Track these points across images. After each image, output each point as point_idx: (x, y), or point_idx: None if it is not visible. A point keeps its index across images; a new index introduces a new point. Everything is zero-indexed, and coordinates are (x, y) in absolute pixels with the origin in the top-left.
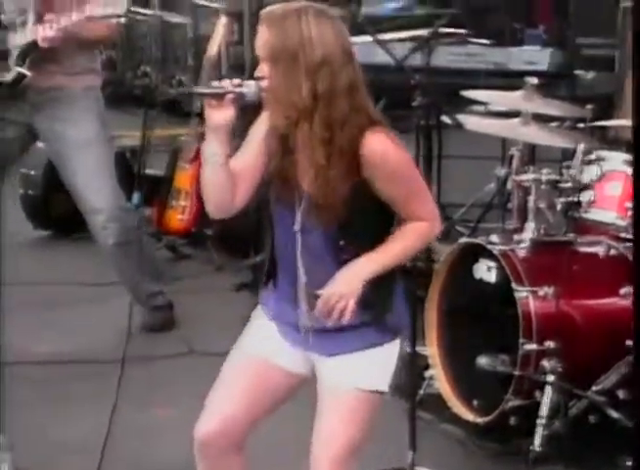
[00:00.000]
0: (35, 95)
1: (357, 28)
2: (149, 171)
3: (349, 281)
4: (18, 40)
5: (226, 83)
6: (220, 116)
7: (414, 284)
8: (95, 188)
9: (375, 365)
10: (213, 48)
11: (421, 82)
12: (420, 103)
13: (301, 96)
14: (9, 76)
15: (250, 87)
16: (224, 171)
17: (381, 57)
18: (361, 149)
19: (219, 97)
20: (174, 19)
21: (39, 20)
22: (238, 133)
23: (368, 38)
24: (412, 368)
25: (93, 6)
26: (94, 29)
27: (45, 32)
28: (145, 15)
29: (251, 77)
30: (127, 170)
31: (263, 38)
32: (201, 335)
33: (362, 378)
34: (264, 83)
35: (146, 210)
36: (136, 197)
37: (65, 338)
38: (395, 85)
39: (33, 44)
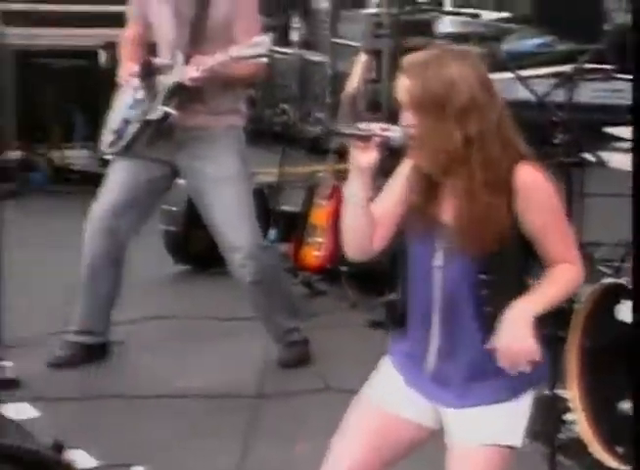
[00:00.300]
0: (179, 133)
1: (498, 65)
2: (285, 208)
3: (520, 327)
4: (165, 81)
5: (373, 126)
6: (365, 158)
7: (554, 324)
8: (233, 226)
9: (508, 419)
10: (352, 85)
11: (563, 119)
12: (561, 140)
13: (453, 142)
14: (155, 115)
15: (396, 132)
16: (364, 214)
17: (522, 93)
18: (514, 181)
19: (366, 139)
20: (314, 57)
21: (187, 61)
22: (379, 177)
23: (509, 75)
24: (551, 411)
25: (239, 46)
26: (240, 69)
27: (192, 73)
28: (285, 53)
29: (390, 115)
30: (264, 207)
31: (406, 87)
32: (336, 371)
33: (495, 433)
34: (411, 131)
35: (282, 246)
36: (272, 233)
37: (202, 372)
38: (536, 122)
39: (180, 84)
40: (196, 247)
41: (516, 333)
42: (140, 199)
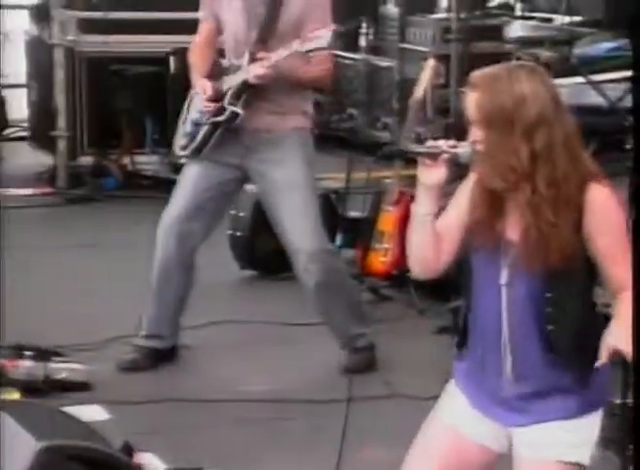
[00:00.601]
0: (247, 136)
1: (570, 69)
2: (352, 214)
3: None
4: (231, 80)
5: (441, 143)
6: (433, 175)
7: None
8: (299, 229)
9: (576, 435)
10: (419, 91)
11: (635, 125)
12: (633, 147)
13: (520, 159)
14: (223, 116)
15: (464, 148)
16: (431, 230)
17: (593, 98)
18: (585, 200)
19: (434, 157)
20: (382, 62)
21: (253, 60)
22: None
23: (581, 79)
24: (623, 421)
25: (301, 41)
26: (307, 70)
27: (256, 70)
28: (353, 59)
29: (458, 120)
30: (331, 212)
31: (475, 102)
32: (402, 378)
33: (562, 449)
34: (479, 147)
35: (348, 252)
36: (339, 238)
37: (269, 377)
38: (608, 127)
39: (246, 83)
40: (262, 252)
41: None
42: (211, 203)
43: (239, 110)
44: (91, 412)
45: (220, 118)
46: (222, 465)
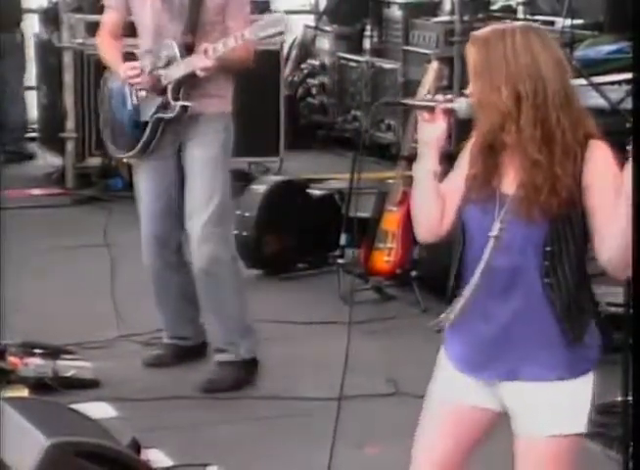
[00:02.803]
0: (179, 122)
1: (571, 72)
2: (357, 214)
3: None
4: (173, 74)
5: (439, 97)
6: (432, 130)
7: (627, 331)
8: (197, 210)
9: (571, 402)
10: (423, 92)
11: (636, 125)
12: (634, 146)
13: (501, 98)
14: (172, 113)
15: (460, 103)
16: (433, 187)
17: (595, 100)
18: (586, 153)
19: (431, 110)
20: (386, 64)
21: (187, 51)
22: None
23: (582, 81)
24: (625, 418)
25: (253, 28)
26: (239, 55)
27: (203, 62)
28: (357, 61)
29: (459, 122)
30: (335, 212)
31: (471, 56)
32: (406, 376)
33: (559, 420)
34: (473, 99)
35: (353, 251)
36: (343, 238)
37: (274, 374)
38: (610, 129)
39: (190, 76)
40: (268, 251)
41: None
42: (172, 199)
43: (187, 103)
44: (99, 409)
45: (170, 115)
46: (228, 462)
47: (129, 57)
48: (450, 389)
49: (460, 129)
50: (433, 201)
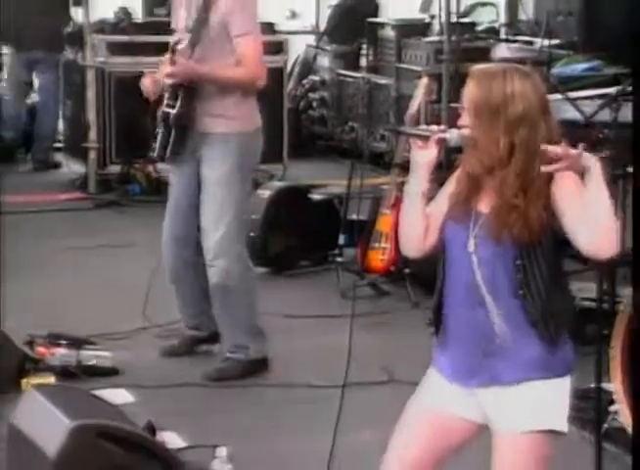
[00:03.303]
0: (194, 136)
1: (548, 87)
2: (353, 216)
3: None
4: (167, 82)
5: (432, 127)
6: (424, 155)
7: (600, 324)
8: (211, 228)
9: (549, 400)
10: (414, 106)
11: (608, 136)
12: (607, 155)
13: (499, 149)
14: (173, 110)
15: (452, 134)
16: (421, 207)
17: (570, 113)
18: (553, 186)
19: (425, 139)
20: (380, 80)
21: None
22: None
23: (558, 96)
24: (598, 403)
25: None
26: (235, 72)
27: (167, 70)
28: (354, 77)
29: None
30: (334, 215)
31: (470, 92)
32: (399, 365)
33: (537, 417)
34: (466, 132)
35: (351, 250)
36: (342, 238)
37: (278, 364)
38: (584, 139)
39: (184, 88)
40: (273, 251)
41: None
42: (191, 203)
43: (172, 110)
44: (118, 395)
45: (172, 112)
46: (236, 444)
47: None
48: (434, 396)
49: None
50: (419, 219)
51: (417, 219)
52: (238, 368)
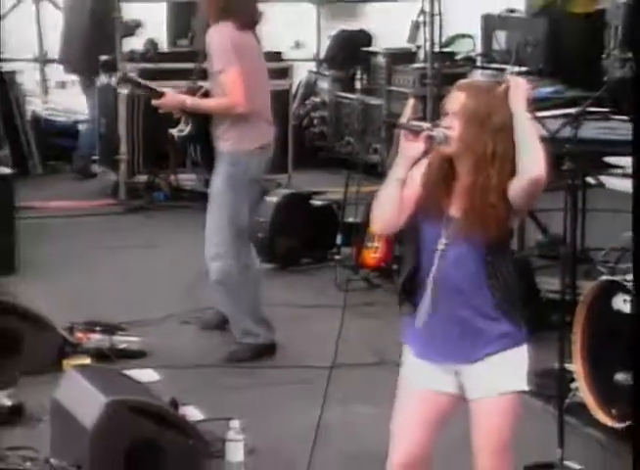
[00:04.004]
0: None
1: None
2: (349, 219)
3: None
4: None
5: (424, 124)
6: (412, 148)
7: (563, 312)
8: (212, 231)
9: (515, 368)
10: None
11: (570, 151)
12: (569, 167)
13: (486, 154)
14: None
15: (439, 133)
16: (398, 192)
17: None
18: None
19: (415, 133)
20: (373, 101)
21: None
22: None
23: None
24: (560, 381)
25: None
26: (217, 102)
27: (157, 102)
28: (350, 98)
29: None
30: (333, 218)
31: (460, 100)
32: (388, 348)
33: (507, 383)
34: (452, 133)
35: (347, 249)
36: (339, 238)
37: (286, 348)
38: (549, 153)
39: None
40: (279, 249)
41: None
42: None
43: (176, 132)
44: (145, 375)
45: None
46: (248, 417)
47: None
48: (417, 375)
49: None
50: (394, 203)
51: (393, 203)
52: (247, 352)
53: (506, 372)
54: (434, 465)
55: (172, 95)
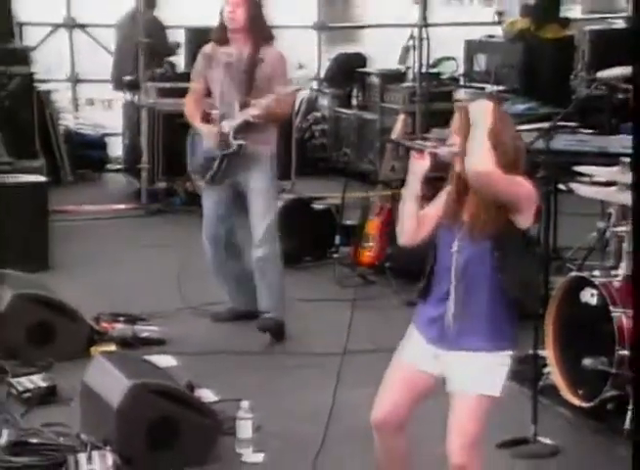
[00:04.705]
0: (240, 159)
1: None
2: (347, 222)
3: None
4: (231, 123)
5: (428, 143)
6: (419, 166)
7: (537, 305)
8: (256, 226)
9: (494, 372)
10: (394, 136)
11: (543, 161)
12: (542, 175)
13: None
14: (232, 149)
15: (443, 150)
16: (413, 205)
17: None
18: None
19: (421, 151)
20: (367, 116)
21: (243, 106)
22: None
23: None
24: (534, 365)
25: (281, 88)
26: (281, 107)
27: (254, 111)
28: (347, 114)
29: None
30: (332, 221)
31: (458, 120)
32: (383, 337)
33: (482, 385)
34: (455, 149)
35: (345, 249)
36: (338, 239)
37: (293, 336)
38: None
39: (246, 122)
40: (283, 249)
41: None
42: (228, 213)
43: (243, 142)
44: (164, 360)
45: (230, 151)
46: (257, 399)
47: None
48: (411, 352)
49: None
50: (412, 216)
51: (411, 217)
52: (275, 324)
53: (487, 374)
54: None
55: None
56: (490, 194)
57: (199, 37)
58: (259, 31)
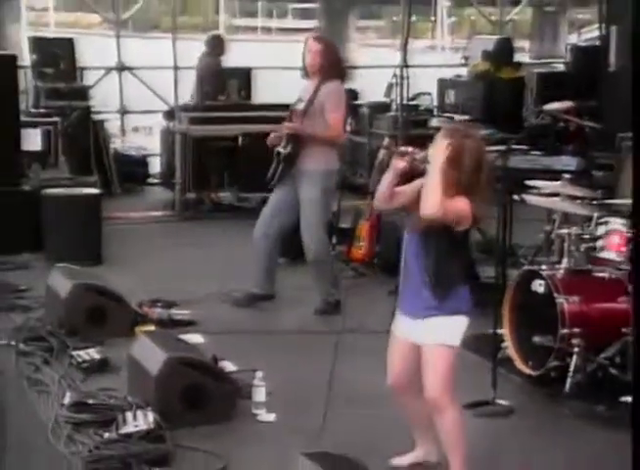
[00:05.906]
0: (295, 170)
1: None
2: (342, 225)
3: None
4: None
5: (411, 149)
6: (400, 165)
7: (497, 293)
8: (307, 226)
9: (450, 328)
10: (381, 156)
11: (501, 176)
12: (500, 188)
13: (452, 184)
14: (284, 152)
15: (420, 154)
16: (392, 178)
17: None
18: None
19: (404, 155)
20: (359, 140)
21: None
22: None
23: None
24: (494, 341)
25: (329, 114)
26: (324, 133)
27: (288, 127)
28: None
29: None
30: (330, 224)
31: (444, 144)
32: (368, 319)
33: (441, 337)
34: (428, 160)
35: (340, 247)
36: (334, 239)
37: (298, 319)
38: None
39: (289, 134)
40: (291, 246)
41: None
42: (281, 211)
43: (282, 150)
44: (194, 338)
45: (280, 151)
46: (269, 370)
47: None
48: (400, 329)
49: None
50: (389, 190)
51: (389, 190)
52: (330, 307)
53: (440, 331)
54: None
55: (296, 124)
56: (440, 220)
57: (221, 76)
58: (330, 71)
